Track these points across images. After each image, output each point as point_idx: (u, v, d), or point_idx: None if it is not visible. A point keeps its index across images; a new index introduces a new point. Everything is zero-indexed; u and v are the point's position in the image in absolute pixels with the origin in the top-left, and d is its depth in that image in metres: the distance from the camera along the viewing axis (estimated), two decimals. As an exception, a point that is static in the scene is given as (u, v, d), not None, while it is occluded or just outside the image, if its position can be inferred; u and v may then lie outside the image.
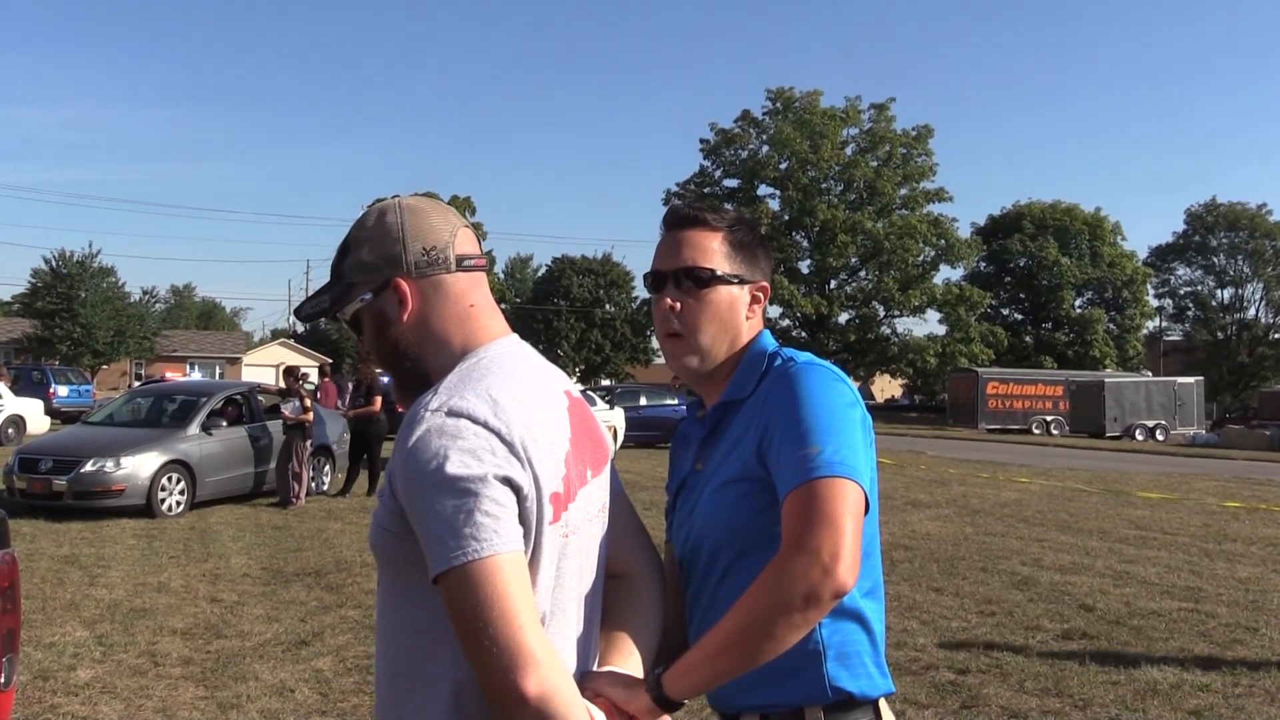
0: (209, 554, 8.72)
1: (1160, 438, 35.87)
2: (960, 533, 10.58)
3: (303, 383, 12.78)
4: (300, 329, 68.21)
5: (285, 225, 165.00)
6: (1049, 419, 39.63)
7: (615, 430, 20.73)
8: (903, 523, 11.13)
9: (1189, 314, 63.39)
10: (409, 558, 1.32)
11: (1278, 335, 60.97)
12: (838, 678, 1.57)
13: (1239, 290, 61.89)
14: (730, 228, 1.71)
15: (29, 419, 21.14)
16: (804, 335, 48.41)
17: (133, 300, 51.79)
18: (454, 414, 1.30)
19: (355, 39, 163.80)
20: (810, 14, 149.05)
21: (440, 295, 1.47)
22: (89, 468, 10.59)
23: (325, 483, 13.15)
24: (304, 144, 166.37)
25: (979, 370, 42.11)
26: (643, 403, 23.97)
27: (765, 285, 1.75)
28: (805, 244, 49.92)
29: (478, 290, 1.50)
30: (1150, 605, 7.14)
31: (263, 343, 77.00)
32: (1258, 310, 61.74)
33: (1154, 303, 59.81)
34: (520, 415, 1.34)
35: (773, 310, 46.01)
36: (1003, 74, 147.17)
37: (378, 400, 13.16)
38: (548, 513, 1.34)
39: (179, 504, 11.03)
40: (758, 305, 1.74)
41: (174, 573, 7.88)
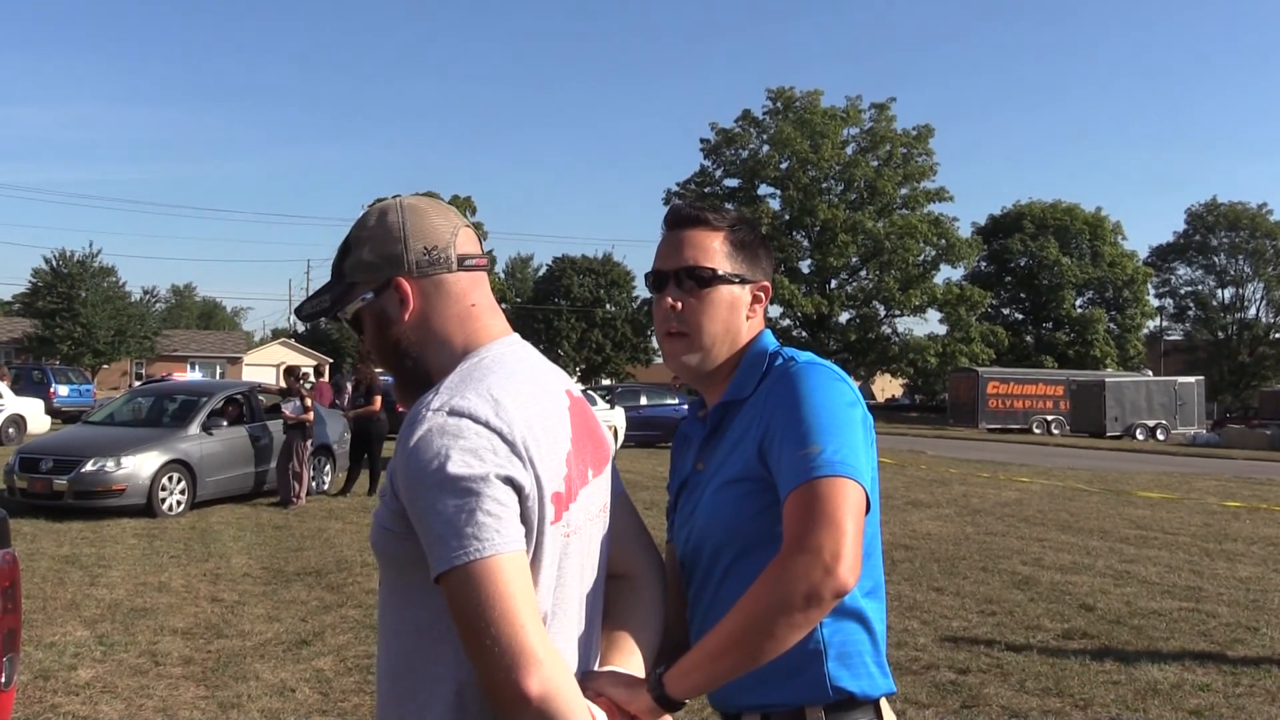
0: (210, 553, 8.72)
1: (1161, 437, 35.85)
2: (961, 532, 10.58)
3: (303, 382, 12.78)
4: (301, 329, 68.22)
5: (286, 225, 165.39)
6: (1049, 419, 39.62)
7: (616, 430, 20.74)
8: (903, 522, 11.13)
9: (1189, 314, 63.38)
10: (410, 557, 1.32)
11: (1278, 335, 60.95)
12: (839, 677, 1.57)
13: (1239, 290, 61.93)
14: (731, 227, 1.71)
15: (29, 418, 21.15)
16: (804, 335, 48.43)
17: (133, 300, 51.79)
18: (455, 413, 1.30)
19: (355, 39, 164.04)
20: (811, 14, 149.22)
21: (442, 295, 1.46)
22: (90, 467, 10.60)
23: (326, 482, 13.15)
24: (304, 144, 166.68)
25: (979, 370, 42.11)
26: (643, 402, 23.98)
27: (766, 285, 1.75)
28: (806, 244, 49.93)
29: (479, 290, 1.50)
30: (1151, 605, 7.14)
31: (263, 342, 76.96)
32: (1258, 310, 61.78)
33: (1155, 302, 59.91)
34: (522, 415, 1.34)
35: (773, 310, 45.98)
36: (1003, 74, 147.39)
37: (378, 400, 13.19)
38: (549, 512, 1.34)
39: (179, 504, 11.03)
40: (759, 305, 1.73)
41: (175, 572, 7.88)
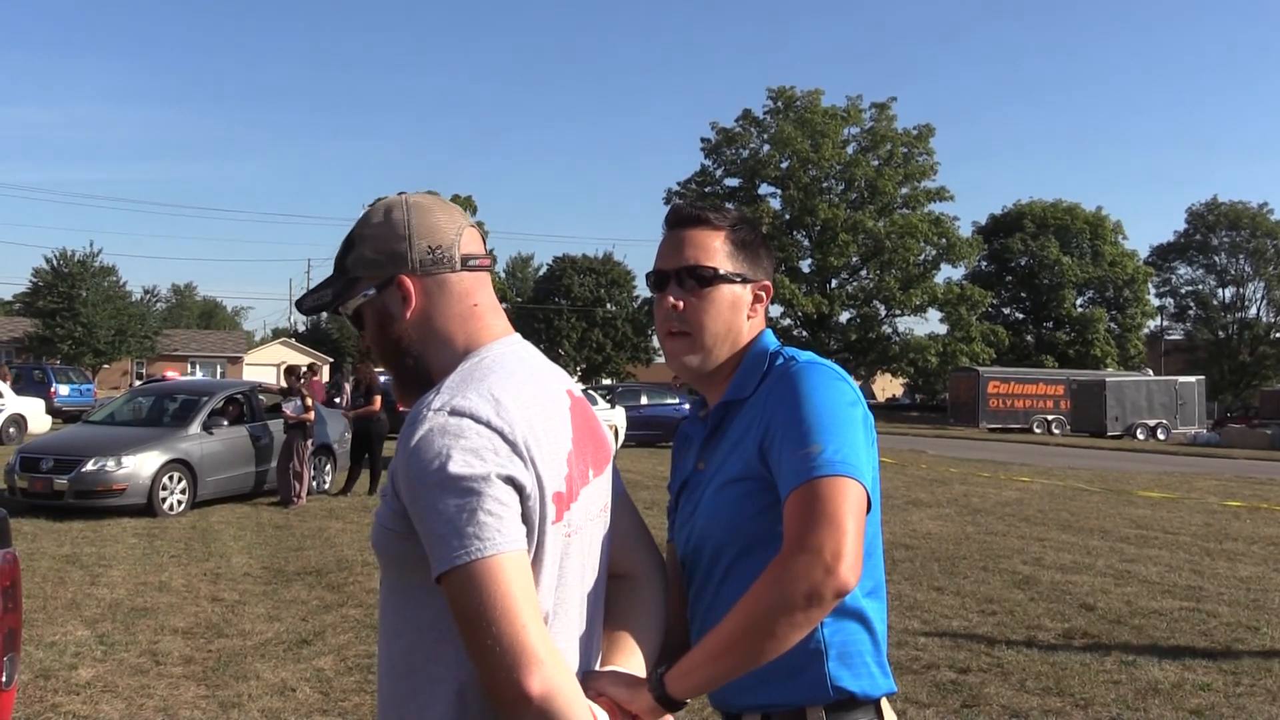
0: (210, 553, 8.72)
1: (1161, 437, 35.83)
2: (961, 532, 10.58)
3: (305, 381, 12.78)
4: (301, 328, 68.29)
5: (286, 224, 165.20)
6: (1050, 418, 39.60)
7: (616, 429, 20.75)
8: (904, 522, 11.13)
9: (1190, 313, 63.37)
10: (411, 557, 1.32)
11: (1279, 334, 60.95)
12: (839, 677, 1.57)
13: (1240, 289, 61.91)
14: (733, 227, 1.71)
15: (30, 418, 21.15)
16: (805, 334, 48.42)
17: (134, 299, 51.82)
18: (457, 413, 1.30)
19: (356, 38, 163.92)
20: (811, 13, 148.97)
21: (444, 294, 1.46)
22: (90, 467, 10.59)
23: (326, 482, 13.16)
24: (305, 143, 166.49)
25: (980, 369, 42.11)
26: (644, 402, 23.99)
27: (767, 284, 1.74)
28: (806, 243, 49.92)
29: (482, 290, 1.50)
30: (1151, 604, 7.14)
31: (264, 342, 76.86)
32: (1259, 309, 61.75)
33: (1155, 302, 59.89)
34: (523, 415, 1.34)
35: (774, 309, 46.00)
36: (1004, 73, 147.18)
37: (378, 400, 13.20)
38: (550, 512, 1.34)
39: (180, 503, 11.03)
40: (760, 304, 1.73)
41: (175, 572, 7.88)
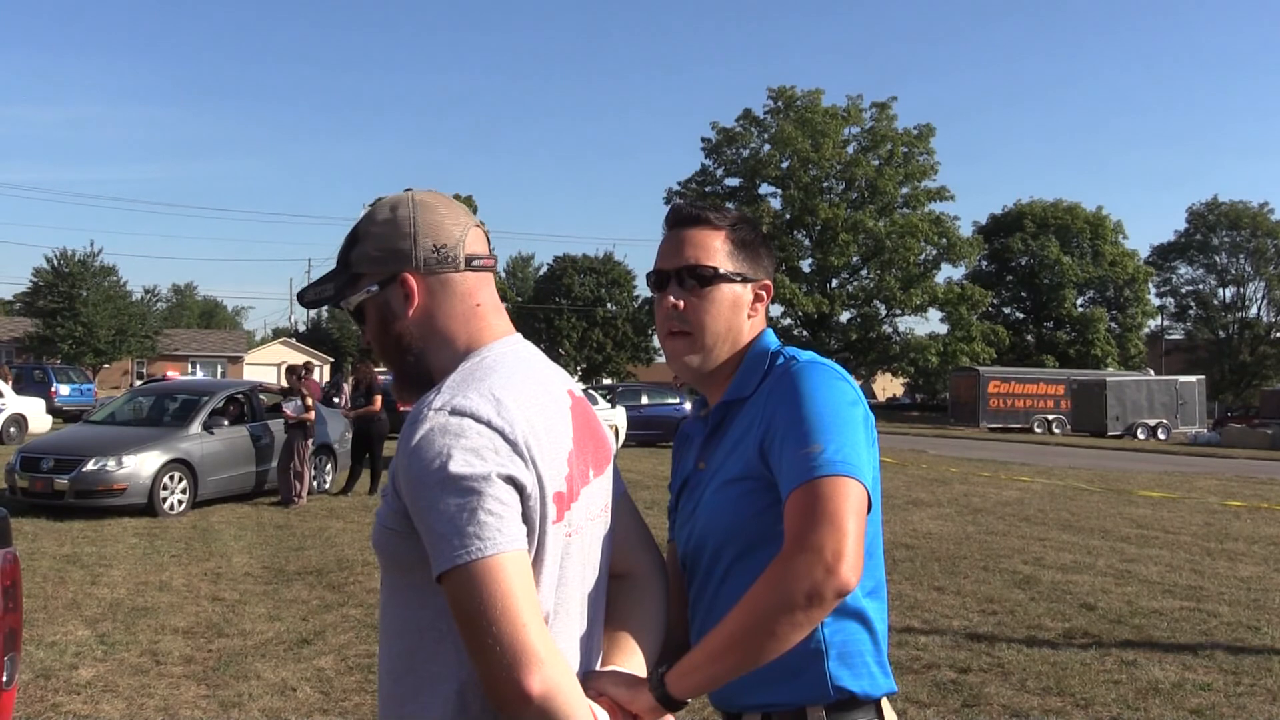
0: (211, 553, 8.72)
1: (1162, 437, 35.83)
2: (962, 531, 10.58)
3: (306, 378, 12.77)
4: (302, 328, 68.27)
5: (286, 224, 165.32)
6: (1050, 418, 39.60)
7: (617, 429, 20.75)
8: (904, 521, 11.12)
9: (1190, 313, 63.37)
10: (412, 556, 1.32)
11: (1279, 334, 60.93)
12: (840, 677, 1.57)
13: (1240, 289, 61.93)
14: (732, 226, 1.71)
15: (31, 418, 21.15)
16: (805, 334, 48.41)
17: (134, 299, 51.73)
18: (457, 413, 1.30)
19: (356, 37, 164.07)
20: (811, 13, 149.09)
21: (447, 293, 1.46)
22: (91, 467, 10.59)
23: (327, 482, 13.16)
24: (305, 142, 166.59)
25: (980, 369, 42.10)
26: (644, 402, 23.99)
27: (768, 284, 1.74)
28: (807, 243, 49.90)
29: (485, 290, 1.50)
30: (1152, 604, 7.14)
31: (264, 342, 76.87)
32: (1259, 309, 61.77)
33: (1155, 301, 59.91)
34: (523, 414, 1.34)
35: (774, 309, 45.99)
36: (1004, 73, 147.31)
37: (378, 399, 13.19)
38: (551, 512, 1.34)
39: (180, 503, 11.03)
40: (760, 304, 1.73)
41: (176, 571, 7.88)
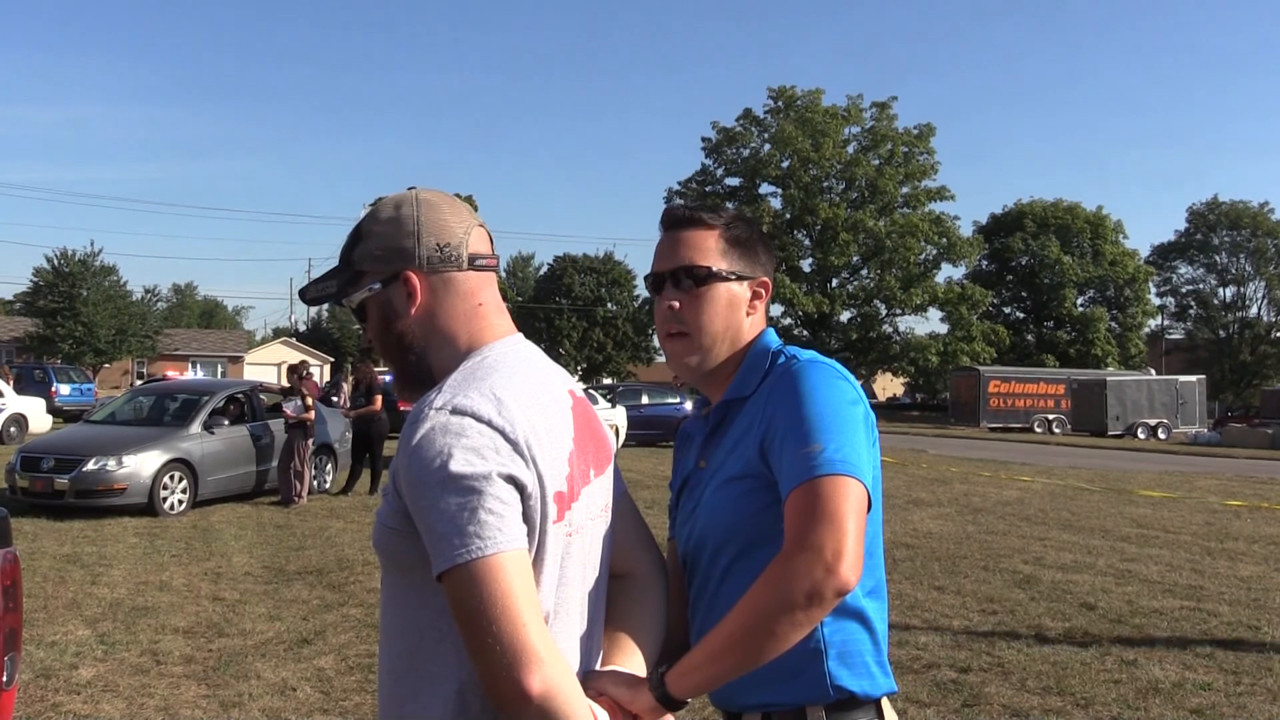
0: (211, 553, 8.72)
1: (1162, 436, 35.84)
2: (962, 531, 10.58)
3: (306, 377, 12.77)
4: (302, 327, 68.30)
5: (287, 224, 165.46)
6: (1051, 417, 39.60)
7: (617, 429, 20.76)
8: (905, 521, 11.12)
9: (1191, 312, 63.40)
10: (413, 556, 1.32)
11: (1279, 333, 60.94)
12: (839, 677, 1.57)
13: (1241, 288, 61.97)
14: (727, 225, 1.71)
15: (31, 418, 21.16)
16: (806, 334, 48.43)
17: (135, 299, 51.73)
18: (458, 412, 1.30)
19: (356, 37, 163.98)
20: (811, 13, 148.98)
21: (449, 292, 1.46)
22: (91, 466, 10.59)
23: (327, 481, 13.16)
24: (305, 142, 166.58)
25: (981, 369, 42.09)
26: (645, 401, 24.00)
27: (766, 281, 1.74)
28: (807, 242, 49.92)
29: (487, 289, 1.50)
30: (1152, 604, 7.14)
31: (265, 341, 76.83)
32: (1260, 308, 61.80)
33: (1156, 301, 59.90)
34: (524, 414, 1.34)
35: (775, 309, 46.00)
36: (1004, 72, 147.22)
37: (379, 399, 13.20)
38: (551, 511, 1.34)
39: (181, 503, 11.04)
40: (759, 301, 1.73)
41: (176, 571, 7.88)
